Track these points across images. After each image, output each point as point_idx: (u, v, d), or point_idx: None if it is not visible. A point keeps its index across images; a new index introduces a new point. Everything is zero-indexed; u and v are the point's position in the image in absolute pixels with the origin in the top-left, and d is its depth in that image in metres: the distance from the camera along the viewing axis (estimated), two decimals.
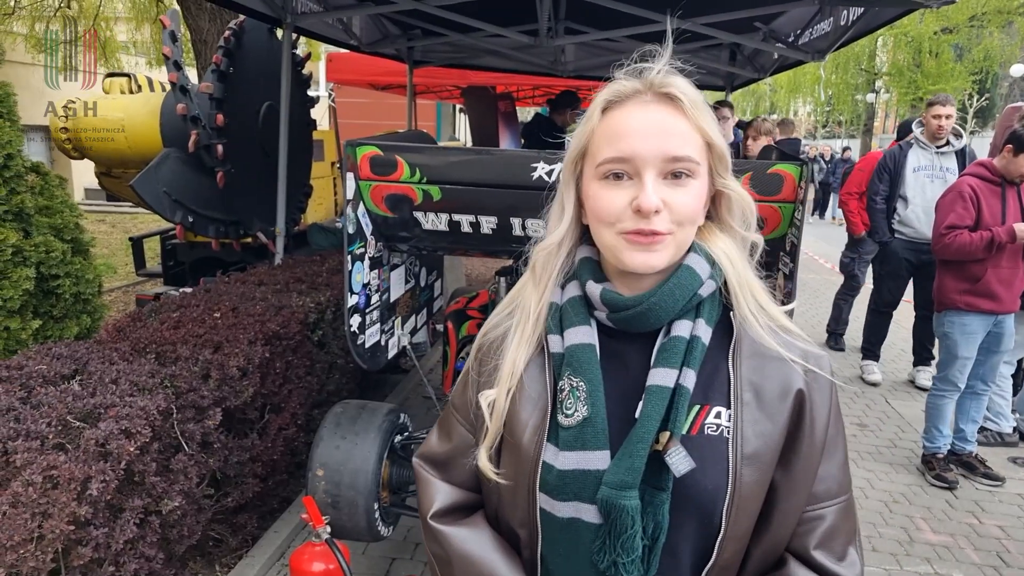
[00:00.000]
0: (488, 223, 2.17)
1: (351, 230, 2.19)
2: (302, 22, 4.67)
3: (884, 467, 4.20)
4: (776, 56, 5.85)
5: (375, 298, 2.43)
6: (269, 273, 3.86)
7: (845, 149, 20.87)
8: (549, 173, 2.02)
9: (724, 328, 0.97)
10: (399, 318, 2.75)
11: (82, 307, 4.21)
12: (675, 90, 0.91)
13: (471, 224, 2.20)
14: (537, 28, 4.88)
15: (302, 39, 6.88)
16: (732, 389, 0.93)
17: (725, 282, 0.97)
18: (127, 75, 5.20)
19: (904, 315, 6.09)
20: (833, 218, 17.89)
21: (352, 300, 2.24)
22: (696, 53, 6.31)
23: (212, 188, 4.69)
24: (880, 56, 25.36)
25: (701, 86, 7.78)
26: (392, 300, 2.65)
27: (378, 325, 2.50)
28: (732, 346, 0.95)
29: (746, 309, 0.96)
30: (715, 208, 1.00)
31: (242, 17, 4.68)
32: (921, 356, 5.59)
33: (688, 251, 0.96)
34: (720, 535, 0.90)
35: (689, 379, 0.91)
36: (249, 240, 5.12)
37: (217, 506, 2.77)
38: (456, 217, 2.20)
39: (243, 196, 4.90)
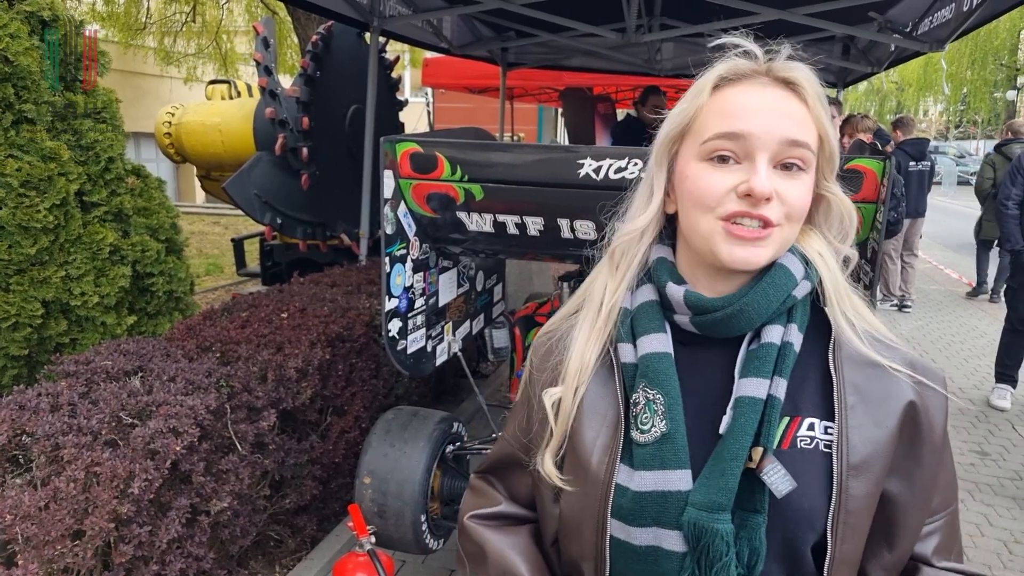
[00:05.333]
0: (534, 224, 2.03)
1: (390, 231, 2.10)
2: (390, 25, 4.69)
3: (1006, 502, 3.74)
4: (893, 48, 5.39)
5: (419, 302, 2.34)
6: (344, 274, 3.87)
7: None
8: (597, 170, 1.85)
9: (815, 333, 0.89)
10: (449, 323, 2.64)
11: (174, 304, 4.38)
12: (798, 75, 0.84)
13: (516, 225, 2.06)
14: (625, 26, 4.70)
15: (403, 45, 6.98)
16: (836, 393, 0.83)
17: (819, 283, 0.89)
18: (227, 82, 5.41)
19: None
20: None
21: (391, 304, 2.15)
22: (804, 47, 5.93)
23: (300, 190, 4.79)
24: (1023, 50, 23.26)
25: None
26: (441, 305, 2.55)
27: (423, 330, 2.40)
28: (832, 348, 0.86)
29: (840, 313, 0.88)
30: (812, 211, 0.90)
31: (331, 22, 4.76)
32: None
33: None
34: (828, 557, 0.80)
35: (780, 389, 0.83)
36: (336, 242, 5.20)
37: (275, 507, 2.77)
38: (501, 218, 2.07)
39: (328, 198, 4.98)
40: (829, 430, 0.83)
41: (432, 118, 12.01)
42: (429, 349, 2.46)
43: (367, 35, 4.90)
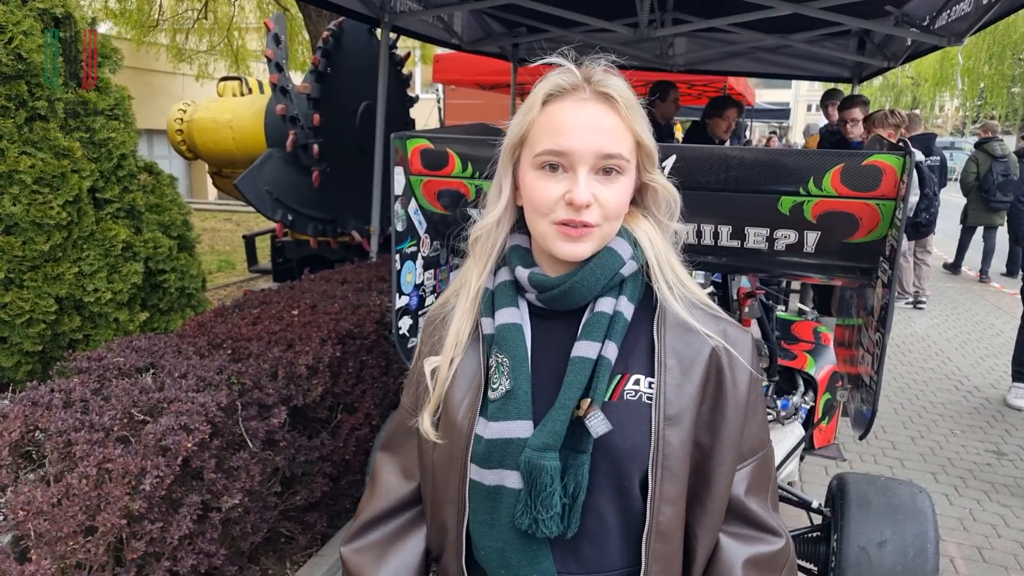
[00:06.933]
0: None
1: (400, 228, 2.09)
2: (400, 21, 4.67)
3: (1023, 503, 3.69)
4: (909, 42, 5.31)
5: (430, 300, 2.32)
6: (354, 271, 3.87)
7: None
8: None
9: (648, 304, 1.05)
10: None
11: (186, 301, 4.39)
12: (612, 91, 0.97)
13: None
14: (638, 21, 4.66)
15: (413, 41, 6.96)
16: (656, 356, 1.00)
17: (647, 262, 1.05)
18: (238, 78, 5.42)
19: None
20: None
21: (401, 301, 2.14)
22: (819, 42, 5.86)
23: (311, 187, 4.79)
24: None
25: (826, 77, 7.29)
26: None
27: None
28: (656, 317, 1.02)
29: (663, 284, 1.03)
30: (640, 198, 1.06)
31: (342, 18, 4.75)
32: None
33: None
34: (650, 494, 0.96)
35: (611, 351, 0.98)
36: (346, 238, 5.20)
37: (285, 504, 2.77)
38: None
39: (339, 195, 4.98)
40: (652, 385, 0.99)
41: (443, 114, 11.99)
42: None
43: (378, 31, 4.89)
